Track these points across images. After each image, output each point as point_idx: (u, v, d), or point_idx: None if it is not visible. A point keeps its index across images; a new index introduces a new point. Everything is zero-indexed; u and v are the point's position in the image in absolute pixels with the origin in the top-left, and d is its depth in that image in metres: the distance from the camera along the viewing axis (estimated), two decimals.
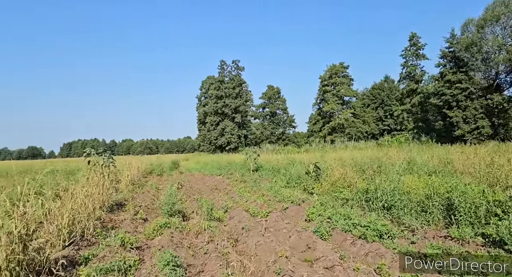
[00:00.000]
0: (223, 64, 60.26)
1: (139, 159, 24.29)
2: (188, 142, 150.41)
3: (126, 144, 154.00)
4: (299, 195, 8.73)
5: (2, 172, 16.73)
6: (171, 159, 31.09)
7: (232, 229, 6.39)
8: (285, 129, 69.02)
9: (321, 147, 29.43)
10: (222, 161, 26.59)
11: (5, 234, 3.41)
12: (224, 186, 12.96)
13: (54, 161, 45.29)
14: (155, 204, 9.57)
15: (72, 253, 4.93)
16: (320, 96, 61.28)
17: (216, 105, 57.54)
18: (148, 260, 4.63)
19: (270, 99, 67.99)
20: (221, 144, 57.81)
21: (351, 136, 53.26)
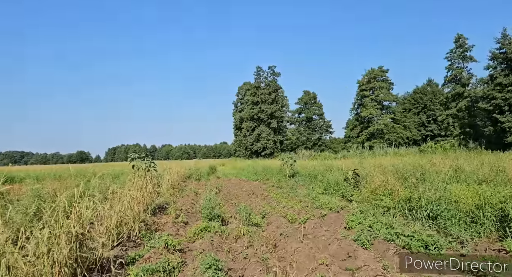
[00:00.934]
0: (259, 70, 60.91)
1: (178, 164, 25.10)
2: (224, 147, 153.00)
3: (166, 149, 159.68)
4: (337, 202, 8.60)
5: (55, 175, 18.02)
6: (208, 164, 31.82)
7: (270, 234, 6.43)
8: (321, 134, 68.15)
9: (359, 153, 28.66)
10: (258, 166, 26.74)
11: (64, 233, 3.70)
12: (261, 192, 13.04)
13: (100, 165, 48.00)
14: (195, 208, 9.85)
15: (120, 253, 5.22)
16: (358, 101, 59.95)
17: (252, 110, 58.13)
18: (190, 263, 4.78)
19: (306, 105, 67.55)
20: (257, 149, 58.20)
21: (391, 142, 51.38)
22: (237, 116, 64.04)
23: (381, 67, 57.94)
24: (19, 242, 3.29)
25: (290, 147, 62.94)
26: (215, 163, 40.54)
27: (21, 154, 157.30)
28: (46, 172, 22.29)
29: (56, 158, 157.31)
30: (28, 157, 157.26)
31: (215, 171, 28.54)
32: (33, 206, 5.79)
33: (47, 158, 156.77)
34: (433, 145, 30.06)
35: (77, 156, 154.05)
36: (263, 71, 61.02)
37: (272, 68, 60.79)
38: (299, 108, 68.63)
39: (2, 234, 3.08)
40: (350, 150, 34.54)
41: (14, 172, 21.99)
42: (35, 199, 6.35)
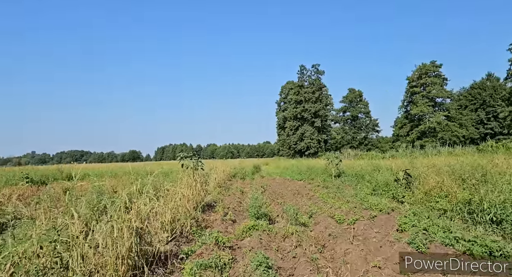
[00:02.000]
0: (302, 69, 60.29)
1: (223, 163, 25.68)
2: (267, 146, 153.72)
3: (210, 148, 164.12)
4: (387, 204, 8.27)
5: (112, 173, 19.33)
6: (252, 163, 32.17)
7: (318, 235, 6.37)
8: (367, 133, 65.84)
9: (409, 152, 27.16)
10: (302, 166, 26.51)
11: (126, 227, 3.97)
12: (306, 191, 12.94)
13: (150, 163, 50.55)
14: (242, 206, 10.03)
15: (174, 248, 5.48)
16: (408, 98, 57.01)
17: (296, 110, 57.74)
18: (240, 260, 4.89)
19: (351, 103, 65.69)
20: (301, 148, 57.70)
21: (444, 141, 48.19)
22: (280, 116, 63.92)
23: (433, 62, 54.53)
24: (89, 234, 3.59)
25: (335, 146, 61.62)
26: (259, 162, 40.83)
27: (81, 153, 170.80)
28: (103, 170, 23.96)
29: (111, 156, 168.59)
30: (87, 155, 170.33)
31: (259, 170, 28.79)
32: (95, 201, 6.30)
33: (103, 156, 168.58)
34: (494, 144, 27.65)
35: (130, 155, 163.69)
36: (306, 70, 60.31)
37: (316, 66, 59.86)
38: (344, 106, 66.92)
39: (77, 226, 3.39)
40: (399, 150, 32.79)
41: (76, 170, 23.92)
42: (97, 195, 6.87)
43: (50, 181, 16.83)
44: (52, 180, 17.38)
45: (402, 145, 41.56)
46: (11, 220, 6.58)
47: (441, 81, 54.05)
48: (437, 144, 38.70)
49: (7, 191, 9.74)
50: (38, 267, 2.58)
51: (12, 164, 50.98)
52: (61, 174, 19.21)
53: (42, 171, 19.46)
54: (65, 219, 3.35)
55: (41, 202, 8.05)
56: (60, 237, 2.91)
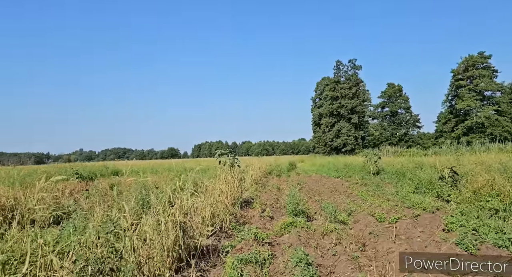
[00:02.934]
0: (339, 64, 58.98)
1: (258, 160, 25.84)
2: (302, 144, 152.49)
3: (246, 145, 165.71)
4: (431, 202, 7.92)
5: (152, 169, 20.15)
6: (287, 161, 32.10)
7: (358, 233, 6.25)
8: (408, 129, 63.07)
9: (454, 149, 25.72)
10: (338, 163, 26.04)
11: (171, 221, 4.15)
12: (344, 189, 12.70)
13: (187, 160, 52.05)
14: (279, 203, 10.06)
15: (214, 242, 5.64)
16: (452, 92, 53.84)
17: (332, 106, 56.68)
18: (279, 256, 4.93)
19: (390, 98, 63.28)
20: (337, 145, 56.61)
21: (494, 136, 44.97)
22: (315, 112, 63.01)
23: (481, 53, 51.02)
24: (138, 227, 3.80)
25: (373, 143, 59.75)
26: (294, 159, 40.65)
27: (123, 150, 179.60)
28: (144, 166, 25.04)
29: (151, 154, 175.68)
30: (129, 153, 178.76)
31: (295, 168, 28.67)
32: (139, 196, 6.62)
33: (143, 154, 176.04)
34: None
35: (168, 152, 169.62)
36: (343, 65, 58.90)
37: (353, 61, 58.27)
38: (382, 102, 64.62)
39: (128, 219, 3.61)
40: (442, 146, 31.13)
41: (119, 167, 25.16)
42: (141, 190, 7.22)
43: (97, 177, 17.90)
44: (99, 176, 18.46)
45: (446, 141, 39.48)
46: (67, 213, 7.10)
47: (490, 73, 50.49)
48: (485, 140, 36.22)
49: (61, 186, 10.49)
50: (97, 256, 2.79)
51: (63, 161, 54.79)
52: (106, 170, 20.33)
53: (89, 167, 20.70)
54: (116, 212, 3.58)
55: (90, 196, 8.62)
56: (115, 229, 3.11)
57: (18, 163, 26.03)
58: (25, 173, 12.07)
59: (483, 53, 51.01)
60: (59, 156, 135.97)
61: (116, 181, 12.03)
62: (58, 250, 2.81)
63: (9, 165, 19.01)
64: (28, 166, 22.16)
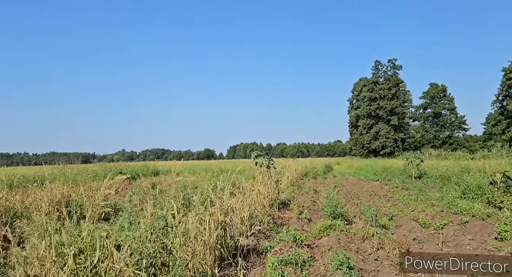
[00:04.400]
0: (377, 64, 57.19)
1: (294, 161, 25.69)
2: (338, 146, 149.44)
3: (280, 147, 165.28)
4: (481, 209, 7.48)
5: (190, 169, 20.73)
6: (323, 163, 31.59)
7: (401, 238, 6.05)
8: (452, 131, 59.61)
9: (506, 153, 24.00)
10: (377, 166, 25.27)
11: (213, 220, 4.27)
12: (384, 193, 12.31)
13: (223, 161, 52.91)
14: (316, 205, 9.97)
15: (253, 243, 5.71)
16: (504, 91, 50.16)
17: (370, 107, 55.05)
18: (319, 258, 4.90)
19: (433, 98, 60.23)
20: (375, 148, 54.85)
21: None
22: (352, 114, 61.42)
23: None
24: (183, 225, 3.95)
25: (414, 145, 57.22)
26: (330, 161, 39.91)
27: (162, 151, 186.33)
28: (182, 166, 25.82)
29: (188, 154, 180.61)
30: (167, 153, 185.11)
31: (331, 170, 28.17)
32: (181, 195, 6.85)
33: (181, 154, 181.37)
34: None
35: (204, 153, 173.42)
36: (382, 65, 56.99)
37: (393, 61, 56.20)
38: (424, 103, 61.65)
39: (176, 217, 3.78)
40: (492, 149, 29.14)
41: (159, 167, 26.15)
42: (183, 190, 7.48)
43: (139, 176, 18.74)
44: (141, 175, 19.32)
45: (496, 144, 36.82)
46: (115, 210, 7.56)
47: None
48: None
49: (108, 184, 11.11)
50: (149, 250, 2.95)
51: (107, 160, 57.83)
52: (147, 170, 21.21)
53: (132, 167, 21.70)
54: (163, 211, 3.76)
55: (134, 194, 9.05)
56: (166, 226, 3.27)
57: (68, 162, 27.90)
58: (76, 171, 12.92)
59: None
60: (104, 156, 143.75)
61: (157, 180, 12.52)
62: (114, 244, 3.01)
63: (60, 164, 20.37)
64: (76, 165, 23.65)
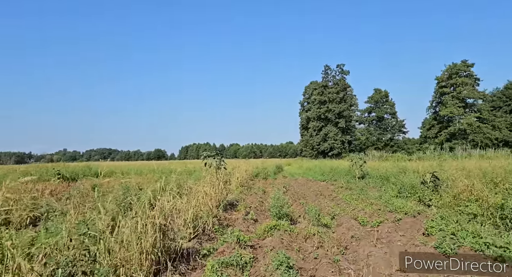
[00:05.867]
0: (327, 69, 59.62)
1: (245, 162, 25.79)
2: (290, 147, 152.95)
3: (233, 148, 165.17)
4: (413, 207, 8.03)
5: (137, 170, 19.87)
6: (274, 163, 32.13)
7: (340, 236, 6.28)
8: (393, 134, 64.13)
9: (438, 155, 26.28)
10: (325, 167, 26.23)
11: (150, 223, 4.08)
12: (329, 193, 12.78)
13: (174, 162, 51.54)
14: (263, 206, 10.04)
15: (196, 245, 5.57)
16: (436, 98, 55.07)
17: (319, 110, 57.16)
18: (261, 259, 4.91)
19: (377, 103, 64.26)
20: (324, 149, 57.07)
21: (475, 143, 46.13)
22: (303, 116, 63.41)
23: (465, 61, 52.37)
24: (116, 229, 3.71)
25: (359, 147, 60.45)
26: (281, 162, 40.74)
27: (109, 151, 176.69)
28: (129, 167, 24.68)
29: (138, 155, 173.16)
30: (114, 153, 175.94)
31: (282, 171, 28.71)
32: (121, 198, 6.50)
33: (129, 155, 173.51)
34: None
35: (155, 153, 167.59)
36: (331, 70, 59.61)
37: (341, 66, 59.01)
38: (369, 107, 65.53)
39: (104, 221, 3.52)
40: (426, 152, 31.77)
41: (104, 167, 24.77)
42: (124, 192, 7.10)
43: (79, 178, 17.52)
44: (82, 176, 18.09)
45: (430, 147, 40.25)
46: (44, 213, 6.91)
47: (472, 81, 51.86)
48: (467, 146, 37.12)
49: (41, 186, 10.22)
50: (68, 259, 2.70)
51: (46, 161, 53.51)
52: (90, 171, 19.94)
53: (72, 167, 20.25)
54: (93, 214, 3.49)
55: (71, 197, 8.41)
56: (89, 231, 3.03)
57: None
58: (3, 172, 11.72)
59: (466, 61, 52.36)
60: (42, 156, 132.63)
61: (99, 182, 11.80)
62: (29, 252, 2.71)
63: None
64: (8, 166, 21.53)
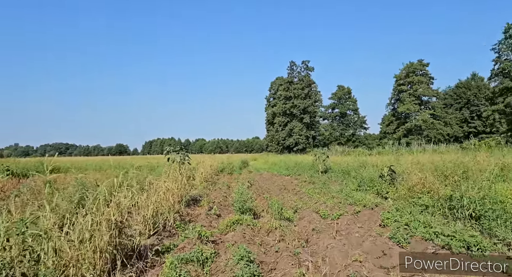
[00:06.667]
0: (292, 65, 60.36)
1: (211, 157, 25.58)
2: (256, 142, 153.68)
3: (199, 143, 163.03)
4: (371, 199, 8.35)
5: (97, 166, 19.02)
6: (240, 159, 32.13)
7: (302, 229, 6.39)
8: (355, 130, 66.52)
9: (395, 149, 27.55)
10: (289, 161, 26.64)
11: (105, 220, 3.89)
12: (293, 187, 12.98)
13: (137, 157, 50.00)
14: (227, 201, 9.99)
15: (156, 242, 5.42)
16: (395, 96, 57.81)
17: (285, 105, 57.86)
18: (222, 254, 4.86)
19: (340, 100, 66.20)
20: (289, 144, 57.96)
21: (429, 138, 48.99)
22: (269, 111, 63.92)
23: (421, 60, 55.30)
24: (65, 227, 3.50)
25: (323, 142, 62.05)
26: (247, 157, 40.84)
27: (66, 146, 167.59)
28: (88, 163, 23.57)
29: (97, 150, 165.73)
30: (72, 148, 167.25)
31: (247, 166, 28.79)
32: (77, 194, 6.16)
33: (89, 150, 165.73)
34: (477, 143, 28.34)
35: (116, 148, 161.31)
36: (296, 66, 60.44)
37: (306, 62, 60.00)
38: (332, 103, 67.36)
39: (49, 219, 3.30)
40: (385, 147, 33.26)
41: (60, 163, 23.47)
42: (79, 188, 6.73)
43: (32, 174, 16.45)
44: (34, 173, 16.98)
45: (388, 142, 42.16)
46: None
47: (427, 80, 54.91)
48: (422, 141, 39.27)
49: None
50: (5, 261, 2.49)
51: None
52: (42, 167, 18.77)
53: (23, 163, 18.98)
54: (40, 212, 3.25)
55: (20, 195, 7.86)
56: (28, 230, 2.81)
57: None
58: None
59: (422, 61, 55.30)
60: None
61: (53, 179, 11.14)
62: None
63: None
64: None
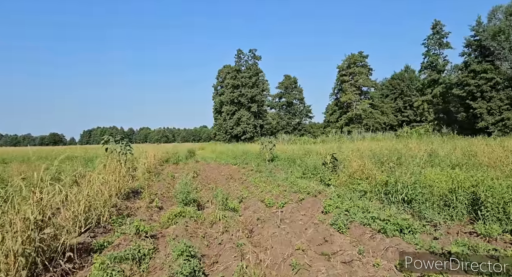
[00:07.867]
0: (240, 53, 59.84)
1: (156, 147, 24.55)
2: (204, 131, 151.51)
3: (144, 132, 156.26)
4: (315, 186, 8.56)
5: (23, 158, 17.20)
6: (187, 148, 31.33)
7: (247, 219, 6.31)
8: (301, 119, 68.51)
9: (338, 138, 28.91)
10: (237, 150, 26.60)
11: (21, 220, 3.40)
12: (240, 176, 12.90)
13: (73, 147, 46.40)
14: (171, 192, 9.59)
15: (87, 240, 4.96)
16: (338, 86, 60.36)
17: (232, 94, 57.43)
18: (162, 249, 4.59)
19: (287, 89, 67.46)
20: (237, 133, 57.89)
21: (368, 127, 52.25)
22: (217, 100, 63.09)
23: (361, 52, 58.19)
24: None
25: (270, 131, 62.96)
26: (195, 146, 40.04)
27: None
28: (15, 154, 21.30)
29: (28, 140, 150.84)
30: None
31: (194, 155, 28.15)
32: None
33: (17, 140, 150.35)
34: (409, 130, 30.79)
35: (50, 138, 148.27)
36: (243, 54, 60.02)
37: (253, 51, 59.87)
38: (279, 92, 68.47)
39: None
40: (329, 135, 34.75)
41: None
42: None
43: None
44: None
45: (332, 130, 44.11)
46: None
47: (367, 71, 58.08)
48: (362, 130, 41.75)
49: None
50: None
51: None
52: None
53: None
54: None
55: None
56: None
57: None
58: None
59: (362, 52, 58.26)
60: None
61: None
62: None
63: None
64: None
